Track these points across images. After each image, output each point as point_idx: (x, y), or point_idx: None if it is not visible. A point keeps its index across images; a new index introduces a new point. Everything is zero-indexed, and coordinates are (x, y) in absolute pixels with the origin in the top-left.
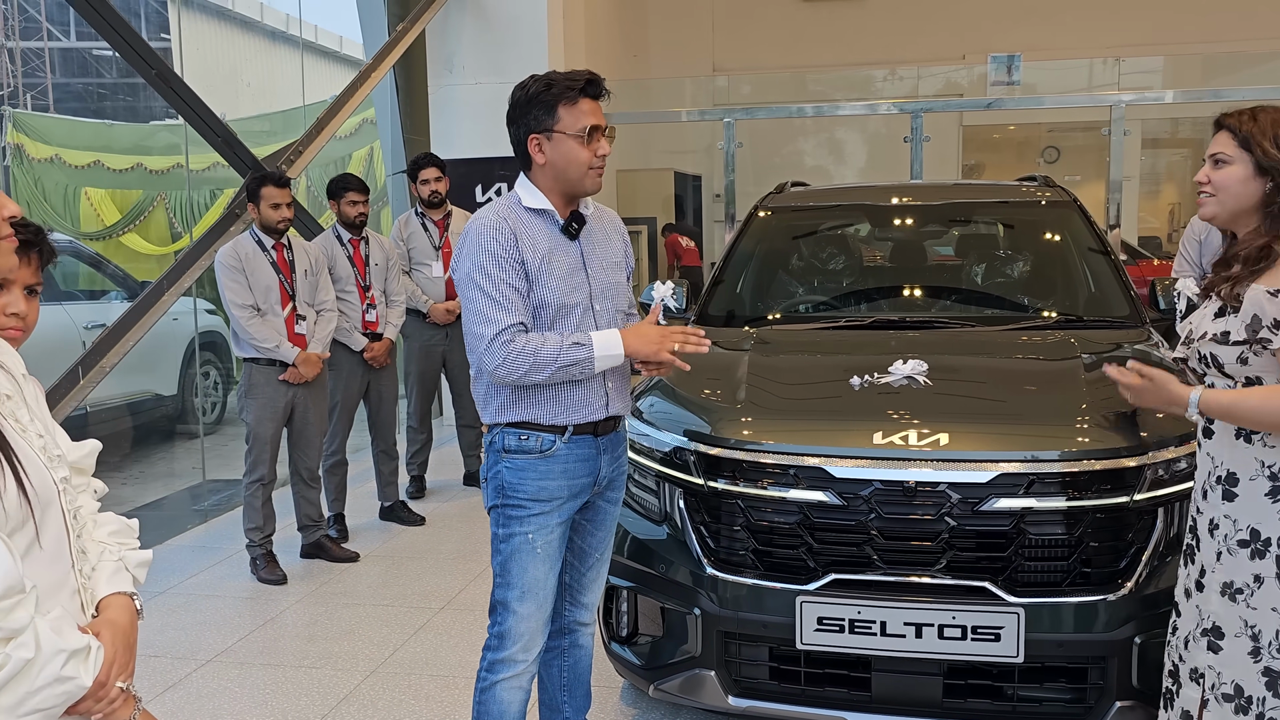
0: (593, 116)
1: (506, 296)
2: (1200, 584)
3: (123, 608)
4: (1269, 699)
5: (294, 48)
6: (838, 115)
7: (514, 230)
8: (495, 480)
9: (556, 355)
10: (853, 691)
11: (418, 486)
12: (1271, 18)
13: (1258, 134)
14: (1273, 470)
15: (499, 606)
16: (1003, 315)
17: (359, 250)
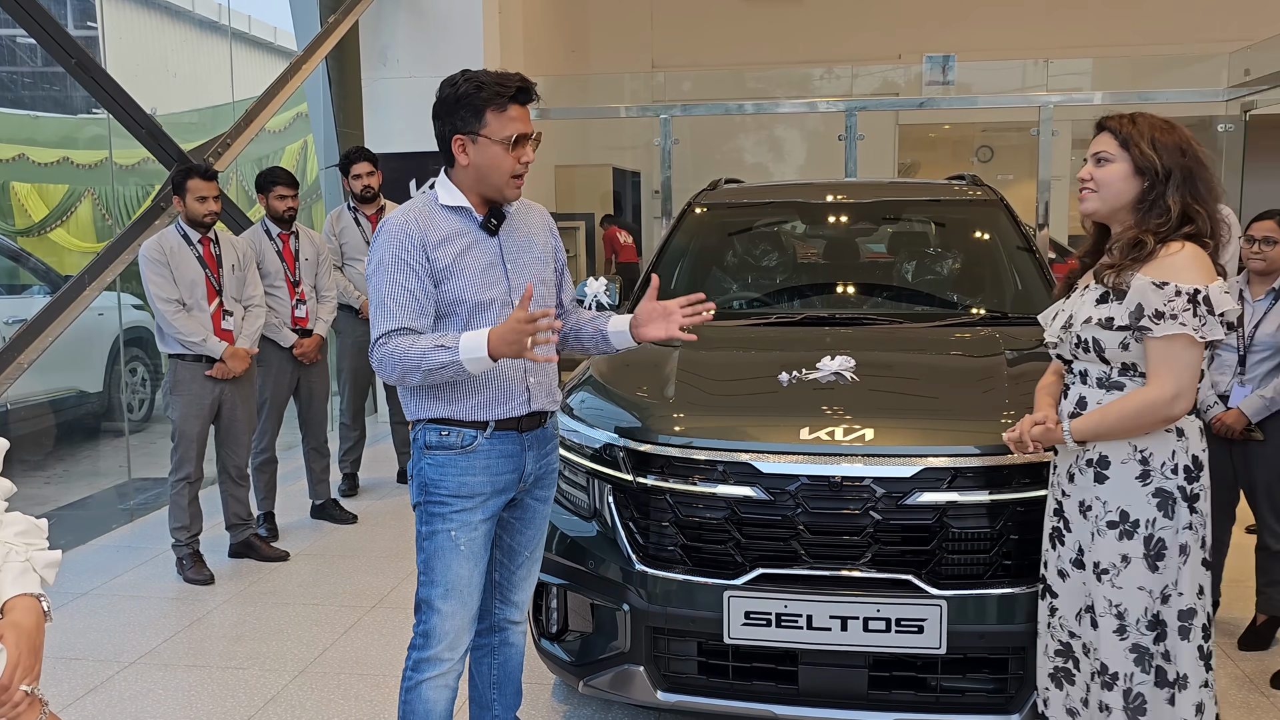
0: (520, 124)
1: (399, 300)
2: (1079, 563)
3: (28, 609)
4: (1137, 674)
5: (226, 39)
6: (775, 113)
7: (425, 231)
8: (419, 477)
9: (422, 358)
10: (780, 685)
11: (350, 484)
12: (1197, 22)
13: (1136, 136)
14: (1144, 454)
15: (423, 605)
16: (930, 312)
17: (288, 245)
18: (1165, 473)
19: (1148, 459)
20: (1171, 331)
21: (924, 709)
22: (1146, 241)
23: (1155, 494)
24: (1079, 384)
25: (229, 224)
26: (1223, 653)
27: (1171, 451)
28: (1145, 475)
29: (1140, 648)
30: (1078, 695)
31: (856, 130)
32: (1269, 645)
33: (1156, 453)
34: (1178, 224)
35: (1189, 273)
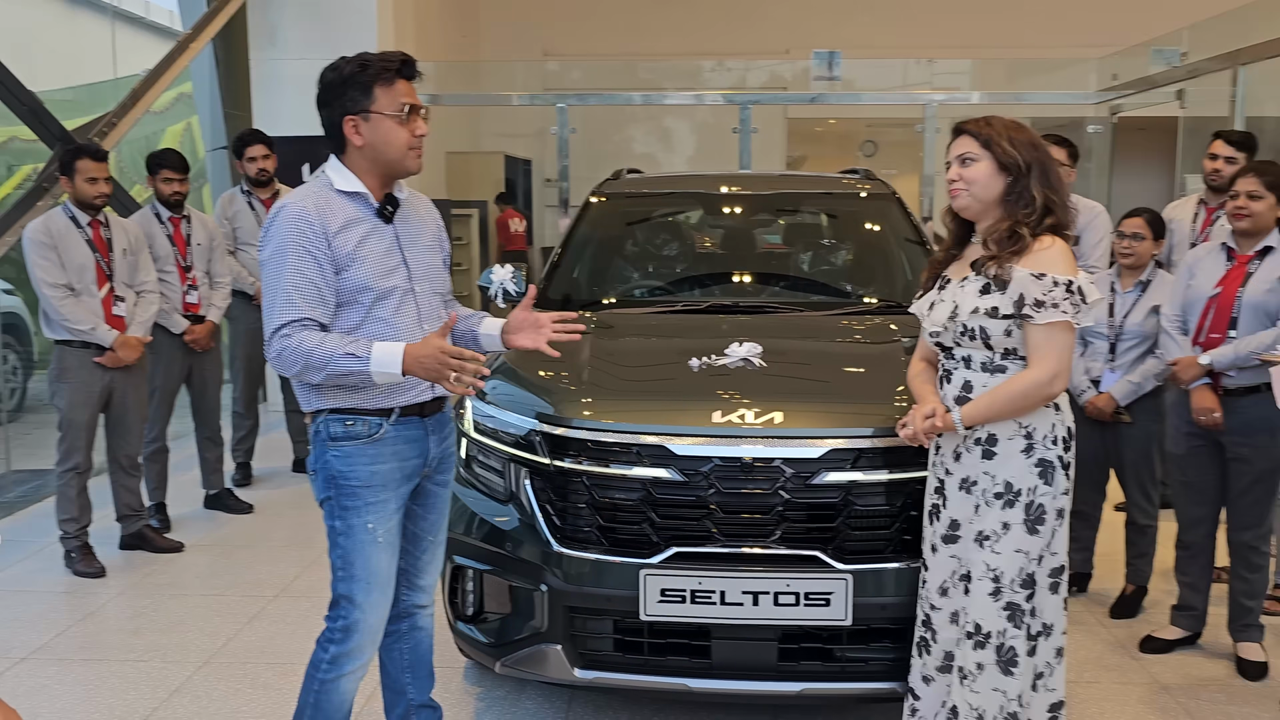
0: (409, 96)
1: (300, 289)
2: (955, 536)
3: None
4: (1009, 630)
5: (104, 16)
6: (670, 104)
7: (324, 217)
8: (324, 471)
9: (328, 361)
10: (694, 659)
11: (244, 474)
12: (1072, 26)
13: (995, 136)
14: (1028, 430)
15: (343, 601)
16: (828, 301)
17: (179, 229)
18: (1046, 444)
19: (1031, 433)
20: (1053, 319)
21: (830, 678)
22: (1022, 233)
23: (1038, 464)
24: (963, 369)
25: (115, 208)
26: (1095, 620)
27: (1051, 425)
28: (1029, 448)
29: (1013, 605)
30: (932, 664)
31: (750, 124)
32: (1137, 613)
33: (1039, 427)
34: (1042, 214)
35: (1061, 265)
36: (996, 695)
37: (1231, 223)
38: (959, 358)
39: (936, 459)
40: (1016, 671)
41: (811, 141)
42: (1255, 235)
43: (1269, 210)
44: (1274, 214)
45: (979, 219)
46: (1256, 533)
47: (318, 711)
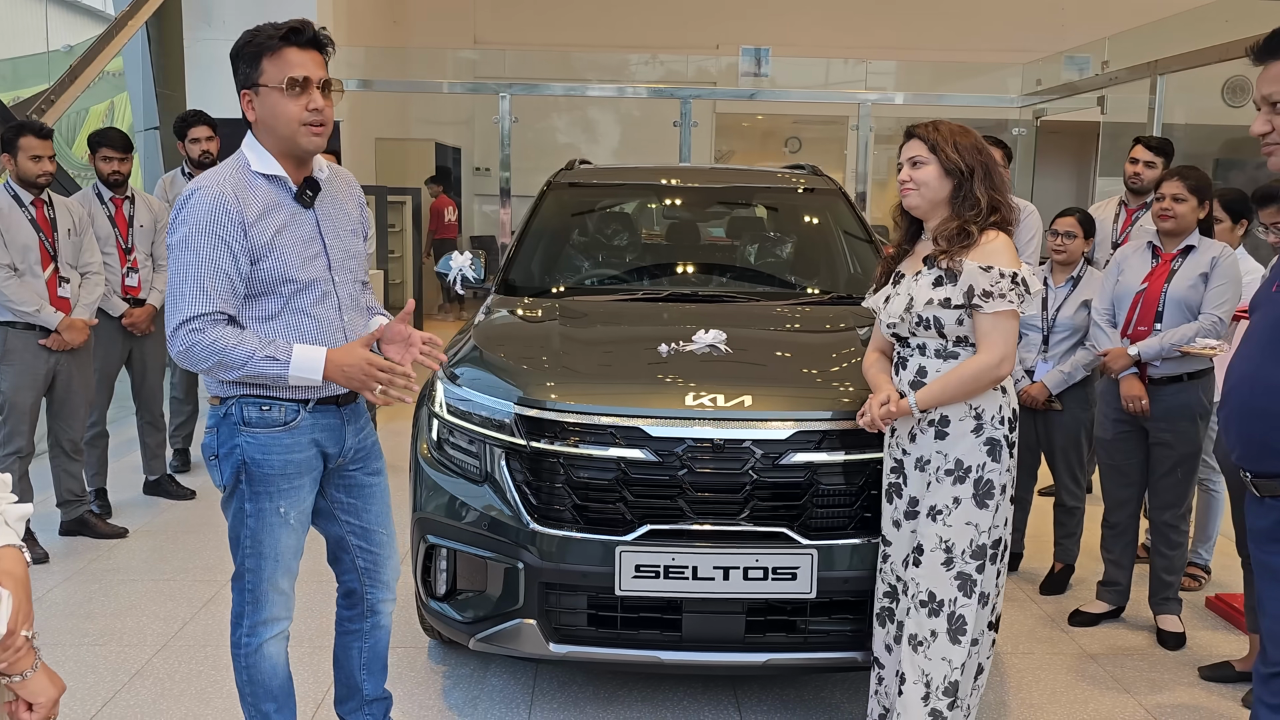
0: (300, 68)
1: (213, 279)
2: (913, 513)
3: (16, 559)
4: (959, 599)
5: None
6: (609, 97)
7: (240, 202)
8: (233, 457)
9: (246, 362)
10: (665, 632)
11: (183, 460)
12: (996, 32)
13: (942, 141)
14: (977, 411)
15: (249, 574)
16: (784, 291)
17: (121, 210)
18: (994, 424)
19: (980, 414)
20: (1000, 308)
21: (793, 649)
22: (971, 230)
23: (986, 443)
24: (918, 356)
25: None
26: (1026, 596)
27: (999, 406)
28: (979, 428)
29: (964, 574)
30: (892, 634)
31: (691, 117)
32: (1065, 589)
33: (988, 408)
34: (988, 213)
35: (1005, 257)
36: (943, 664)
37: (1157, 223)
38: (914, 346)
39: (893, 441)
40: (964, 640)
41: (738, 136)
42: (1178, 235)
43: (1191, 212)
44: (1196, 216)
45: (927, 217)
46: (1176, 512)
47: (254, 684)
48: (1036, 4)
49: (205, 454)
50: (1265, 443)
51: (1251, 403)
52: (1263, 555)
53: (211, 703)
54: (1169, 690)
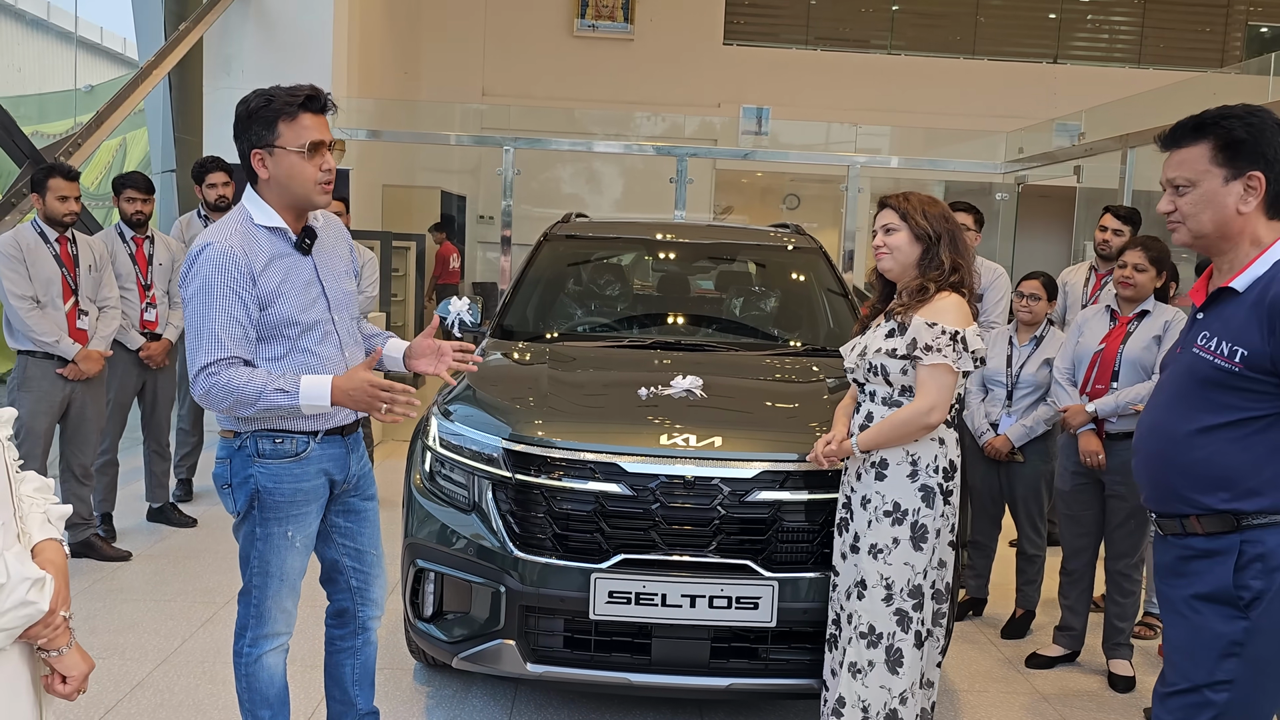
0: (314, 131)
1: (226, 328)
2: (856, 547)
3: (57, 550)
4: (898, 633)
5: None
6: (613, 152)
7: (248, 254)
8: (246, 485)
9: (259, 396)
10: (635, 656)
11: (185, 489)
12: (988, 98)
13: (912, 210)
14: (914, 457)
15: (255, 590)
16: (760, 343)
17: (142, 248)
18: (929, 472)
19: (916, 461)
20: (936, 361)
21: (754, 674)
22: (929, 287)
23: (921, 489)
24: (869, 402)
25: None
26: (987, 640)
27: (935, 455)
28: (914, 474)
29: (902, 612)
30: (837, 659)
31: (687, 174)
32: (1025, 634)
33: (923, 456)
34: (949, 274)
35: (951, 315)
36: (882, 692)
37: (1118, 289)
38: (867, 392)
39: (845, 479)
40: (902, 671)
41: (737, 192)
42: (1136, 301)
43: (1150, 281)
44: (1154, 284)
45: (899, 279)
46: (1128, 562)
47: (253, 691)
48: (1028, 73)
49: (218, 483)
50: (1166, 486)
51: (1155, 450)
52: (1164, 587)
53: (208, 714)
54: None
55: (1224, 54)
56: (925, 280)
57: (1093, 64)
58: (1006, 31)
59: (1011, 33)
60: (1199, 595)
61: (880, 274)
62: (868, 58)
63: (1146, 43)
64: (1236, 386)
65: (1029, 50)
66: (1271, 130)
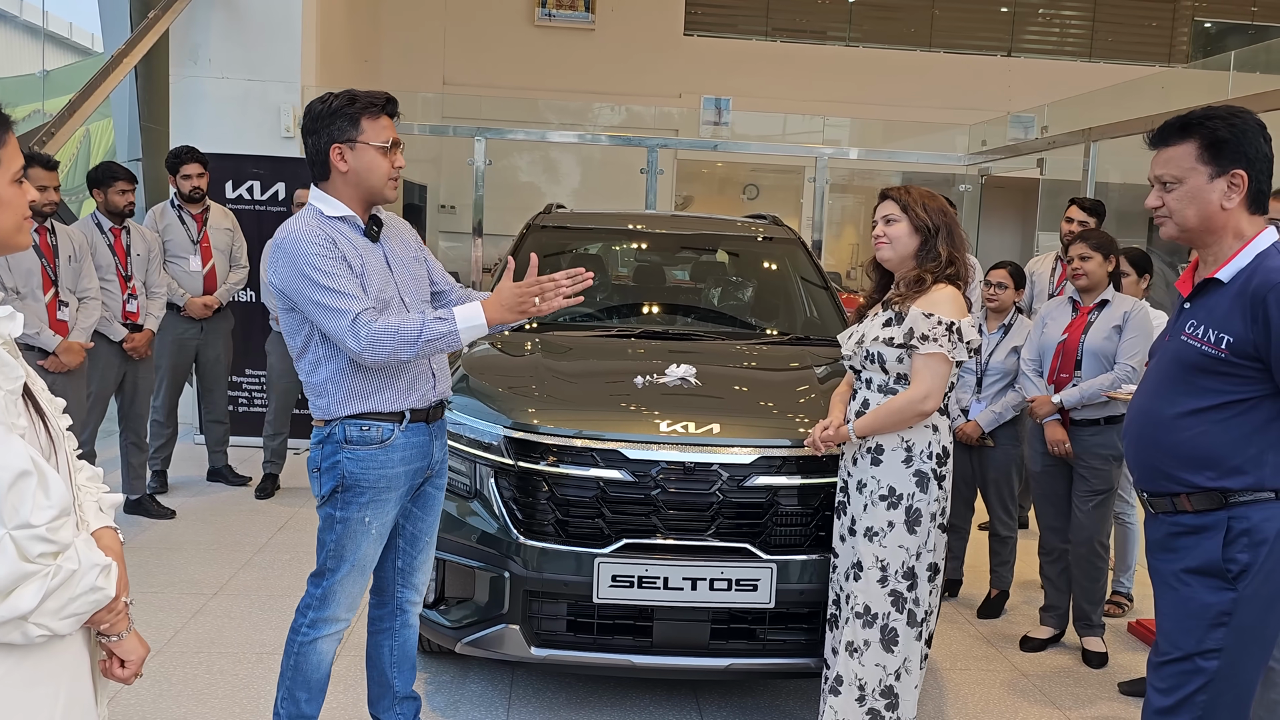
0: (392, 132)
1: (347, 287)
2: (853, 530)
3: (114, 538)
4: (892, 613)
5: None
6: (584, 143)
7: (330, 236)
8: (334, 470)
9: (420, 330)
10: (637, 638)
11: (160, 481)
12: (945, 91)
13: (912, 203)
14: (908, 444)
15: (326, 574)
16: (747, 332)
17: (120, 240)
18: (923, 458)
19: (910, 447)
20: (931, 350)
21: (753, 655)
22: (926, 279)
23: (915, 474)
24: (865, 389)
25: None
26: (965, 620)
27: (929, 442)
28: (909, 459)
29: (897, 593)
30: (837, 638)
31: (658, 165)
32: (1000, 614)
33: (917, 442)
34: (945, 266)
35: (947, 307)
36: (877, 670)
37: (1072, 281)
38: (863, 380)
39: (843, 463)
40: (896, 650)
41: (698, 182)
42: (1093, 290)
43: (1099, 268)
44: (1104, 270)
45: (897, 269)
46: (1092, 544)
47: (298, 672)
48: (983, 66)
49: (309, 467)
50: (1155, 467)
51: (1144, 433)
52: (1155, 562)
53: (209, 703)
54: (1092, 704)
55: (1171, 48)
56: (923, 271)
57: (1046, 57)
58: (962, 25)
59: (966, 26)
60: (1189, 569)
61: (877, 264)
62: (826, 49)
63: (1097, 37)
64: (1221, 372)
65: (984, 43)
66: (1253, 131)
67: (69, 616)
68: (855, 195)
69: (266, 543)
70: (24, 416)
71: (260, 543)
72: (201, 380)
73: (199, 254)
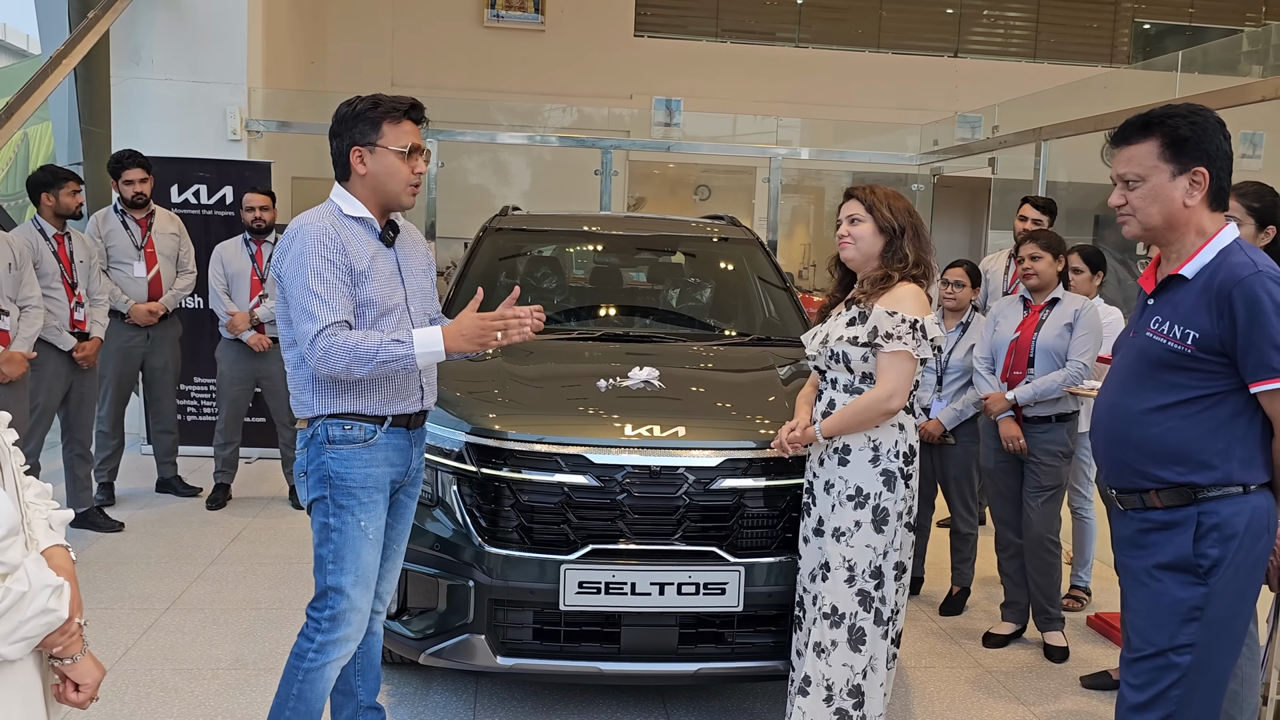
0: (414, 137)
1: (333, 295)
2: (820, 531)
3: (65, 557)
4: (860, 613)
5: None
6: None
7: (341, 236)
8: (319, 472)
9: (376, 351)
10: (604, 645)
11: (107, 494)
12: (893, 92)
13: (877, 203)
14: (875, 443)
15: (332, 592)
16: (709, 333)
17: (64, 246)
18: (890, 457)
19: (878, 446)
20: (896, 348)
21: (721, 659)
22: (893, 276)
23: (882, 474)
24: (830, 389)
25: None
26: (927, 617)
27: (895, 441)
28: (876, 459)
29: (864, 592)
30: (802, 639)
31: (612, 166)
32: (962, 610)
33: (884, 441)
34: (911, 266)
35: (910, 304)
36: (845, 670)
37: (1023, 281)
38: (829, 380)
39: (809, 464)
40: (864, 649)
41: (649, 182)
42: (1044, 289)
43: (1049, 267)
44: (1054, 269)
45: (861, 269)
46: (1043, 539)
47: (301, 700)
48: (930, 67)
49: (295, 472)
50: (1124, 462)
51: (1112, 428)
52: (1125, 559)
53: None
54: (1055, 698)
55: (1113, 49)
56: (889, 270)
57: (991, 58)
58: (908, 26)
59: (913, 28)
60: (1160, 565)
61: (841, 262)
62: (775, 50)
63: (1041, 38)
64: (1187, 367)
65: (931, 44)
66: (1213, 128)
67: (20, 640)
68: (805, 195)
69: (220, 554)
70: None
71: (213, 554)
72: (148, 389)
73: (143, 260)
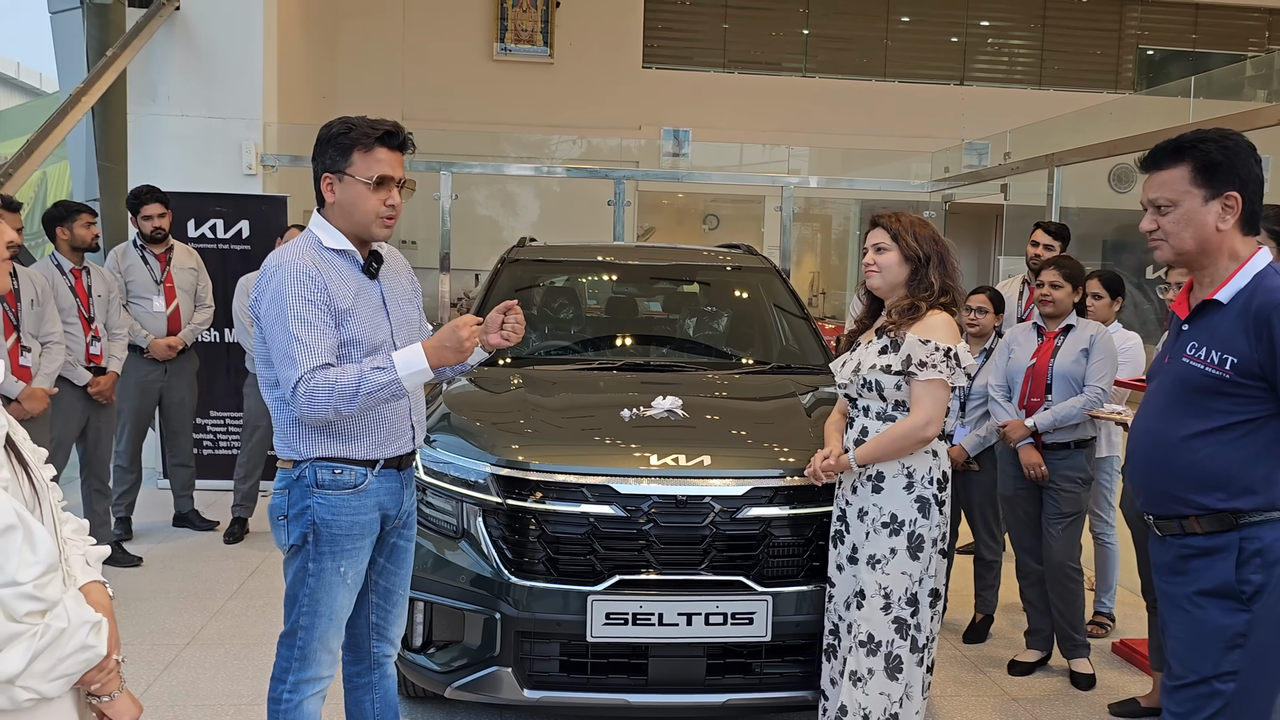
0: (386, 166)
1: (314, 338)
2: (854, 559)
3: (103, 593)
4: (896, 640)
5: None
6: (549, 176)
7: (322, 273)
8: (303, 517)
9: (359, 382)
10: (632, 676)
11: (125, 528)
12: (901, 120)
13: (902, 231)
14: (909, 470)
15: (301, 632)
16: (729, 362)
17: (81, 280)
18: (924, 483)
19: (912, 473)
20: (931, 377)
21: (750, 689)
22: (920, 305)
23: (917, 500)
24: (862, 417)
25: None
26: (951, 645)
27: (929, 467)
28: (910, 485)
29: (900, 620)
30: (837, 668)
31: (625, 197)
32: (985, 638)
33: (918, 468)
34: (939, 294)
35: (943, 333)
36: (882, 698)
37: (1039, 307)
38: (860, 407)
39: (840, 492)
40: (901, 677)
41: (658, 212)
42: (1059, 317)
43: (1067, 297)
44: (1072, 300)
45: (887, 296)
46: (1066, 564)
47: None
48: (936, 95)
49: (272, 515)
50: (1164, 490)
51: (1152, 456)
52: (1164, 585)
53: None
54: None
55: (1118, 75)
56: (915, 299)
57: (996, 85)
58: (914, 55)
59: (919, 56)
60: (1202, 591)
61: (868, 290)
62: (782, 80)
63: (1046, 65)
64: (1226, 392)
65: (936, 73)
66: (1245, 153)
67: (59, 678)
68: (812, 223)
69: (238, 589)
70: (6, 468)
71: (232, 589)
72: (166, 423)
73: (163, 294)
